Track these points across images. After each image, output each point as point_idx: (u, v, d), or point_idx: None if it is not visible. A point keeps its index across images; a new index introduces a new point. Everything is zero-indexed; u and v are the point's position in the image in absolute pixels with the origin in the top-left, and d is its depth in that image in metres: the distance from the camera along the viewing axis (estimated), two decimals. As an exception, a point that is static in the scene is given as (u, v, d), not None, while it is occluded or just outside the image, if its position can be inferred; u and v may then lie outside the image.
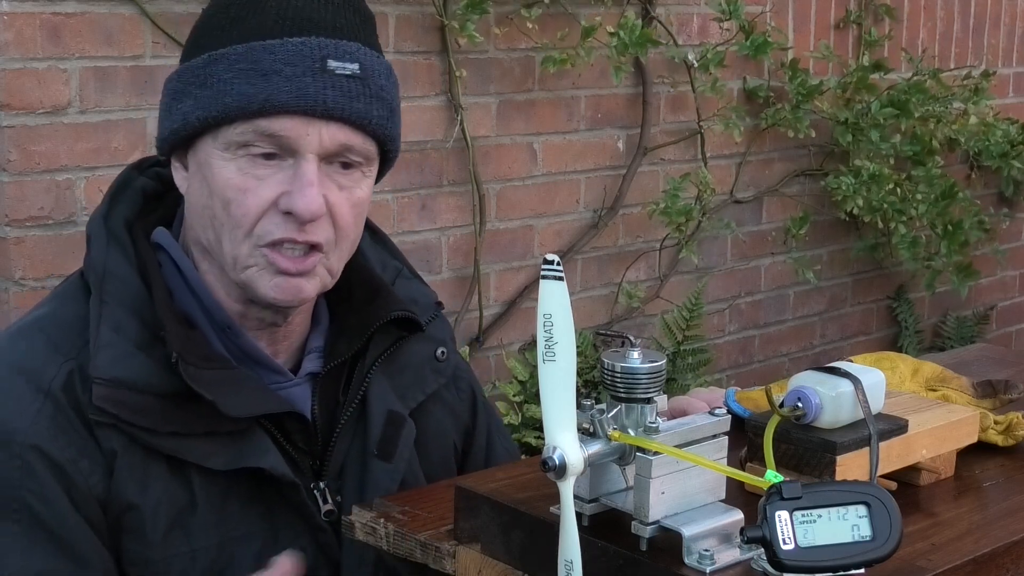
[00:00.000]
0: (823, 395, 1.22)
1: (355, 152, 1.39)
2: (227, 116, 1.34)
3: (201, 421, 1.35)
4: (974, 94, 4.19)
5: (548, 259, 1.01)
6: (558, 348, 1.01)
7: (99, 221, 1.44)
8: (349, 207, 1.40)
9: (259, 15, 1.37)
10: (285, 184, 1.35)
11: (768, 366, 4.14)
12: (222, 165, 1.36)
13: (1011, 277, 4.97)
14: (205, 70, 1.36)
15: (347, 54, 1.36)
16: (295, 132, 1.34)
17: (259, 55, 1.34)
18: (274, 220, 1.36)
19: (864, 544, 0.98)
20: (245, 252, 1.37)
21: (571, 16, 3.33)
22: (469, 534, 1.21)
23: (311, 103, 1.33)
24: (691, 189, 3.64)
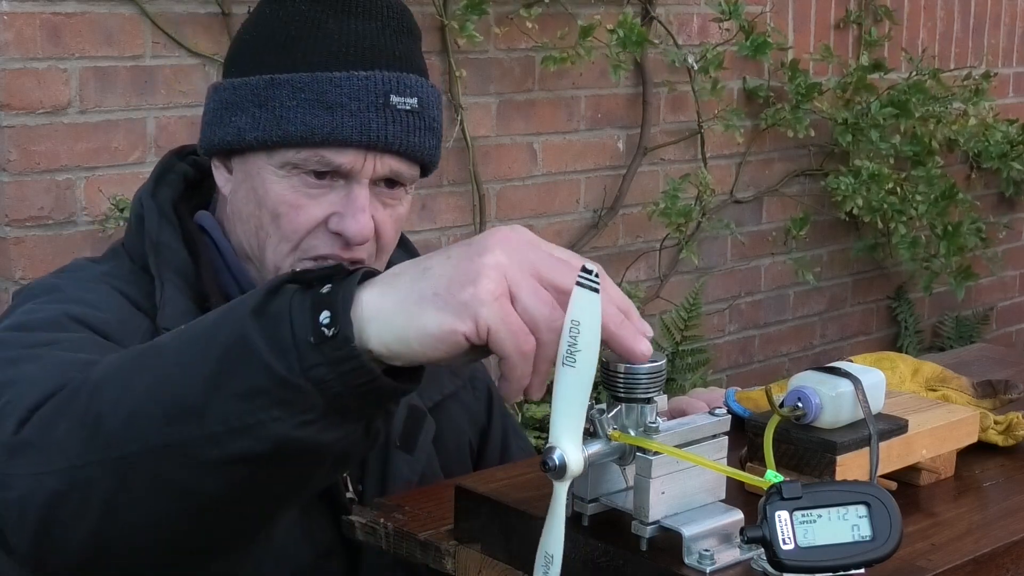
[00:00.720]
0: (823, 395, 1.22)
1: (403, 177, 1.44)
2: (289, 143, 1.38)
3: None
4: (974, 95, 4.19)
5: (587, 268, 0.99)
6: (580, 356, 0.99)
7: (148, 198, 1.47)
8: (392, 223, 1.45)
9: (322, 40, 1.39)
10: (337, 205, 1.39)
11: (768, 366, 4.14)
12: (275, 181, 1.40)
13: (1011, 277, 4.97)
14: (266, 92, 1.39)
15: (407, 88, 1.41)
16: (355, 163, 1.39)
17: (325, 87, 1.37)
18: (321, 237, 1.40)
19: (864, 544, 0.98)
20: (288, 263, 1.41)
21: (571, 16, 3.33)
22: (469, 534, 1.21)
23: (373, 138, 1.38)
24: (691, 189, 3.64)
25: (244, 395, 0.97)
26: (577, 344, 0.99)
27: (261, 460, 0.99)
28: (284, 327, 0.97)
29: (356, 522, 1.31)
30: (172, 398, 1.00)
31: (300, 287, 1.00)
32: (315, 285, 1.00)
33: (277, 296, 1.00)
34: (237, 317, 1.00)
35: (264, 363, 0.97)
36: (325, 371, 0.97)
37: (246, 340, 0.98)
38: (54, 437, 1.03)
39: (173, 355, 1.03)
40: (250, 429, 0.97)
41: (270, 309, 0.99)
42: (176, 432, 0.99)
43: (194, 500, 1.02)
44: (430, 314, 0.97)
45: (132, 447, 1.00)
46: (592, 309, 0.98)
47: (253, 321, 0.98)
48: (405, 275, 1.00)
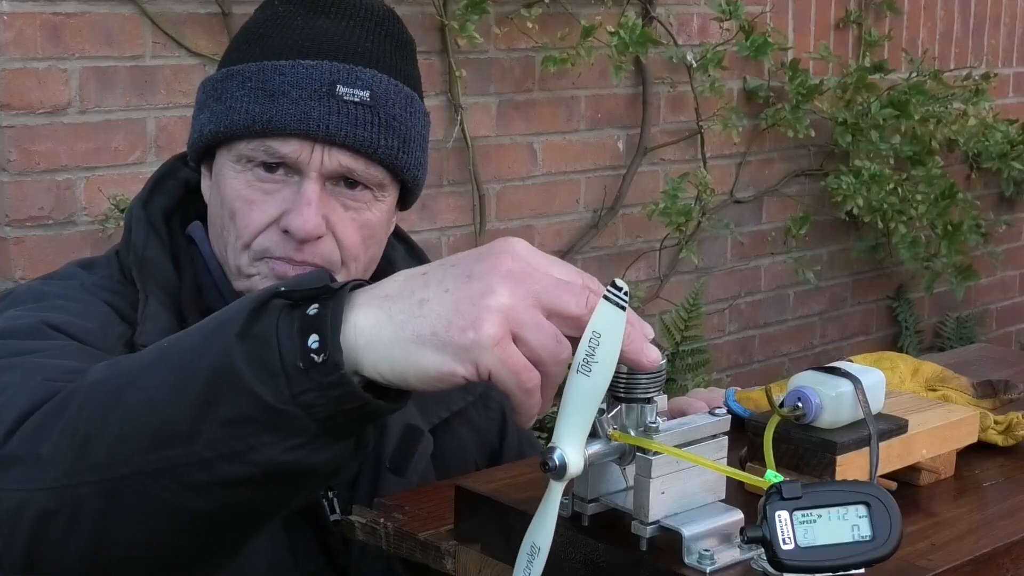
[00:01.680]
0: (823, 395, 1.22)
1: (358, 175, 1.38)
2: (234, 132, 1.36)
3: None
4: (974, 95, 4.19)
5: (617, 285, 0.97)
6: (596, 367, 0.98)
7: (139, 208, 1.45)
8: (355, 228, 1.39)
9: (282, 35, 1.38)
10: (288, 202, 1.36)
11: (768, 366, 4.14)
12: (233, 176, 1.38)
13: (1011, 277, 4.97)
14: (222, 84, 1.39)
15: (359, 80, 1.36)
16: (298, 154, 1.35)
17: (268, 75, 1.35)
18: (272, 237, 1.37)
19: (864, 544, 0.98)
20: (245, 262, 1.38)
21: (571, 16, 3.33)
22: (469, 534, 1.21)
23: (313, 127, 1.34)
24: (691, 189, 3.64)
25: (233, 422, 0.95)
26: (595, 356, 0.98)
27: (251, 482, 0.98)
28: (271, 351, 0.94)
29: (356, 522, 1.31)
30: (160, 422, 0.98)
31: (285, 305, 0.97)
32: (301, 304, 0.96)
33: (262, 316, 0.96)
34: (222, 339, 0.96)
35: (252, 390, 0.94)
36: (315, 396, 0.94)
37: (233, 366, 0.95)
38: (42, 452, 1.02)
39: (159, 377, 1.00)
40: (240, 455, 0.96)
41: (255, 331, 0.95)
42: (165, 457, 0.97)
43: (185, 518, 1.01)
44: (429, 355, 0.94)
45: (121, 470, 0.99)
46: (616, 325, 0.97)
47: (239, 344, 0.95)
48: (399, 302, 0.95)
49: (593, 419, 1.03)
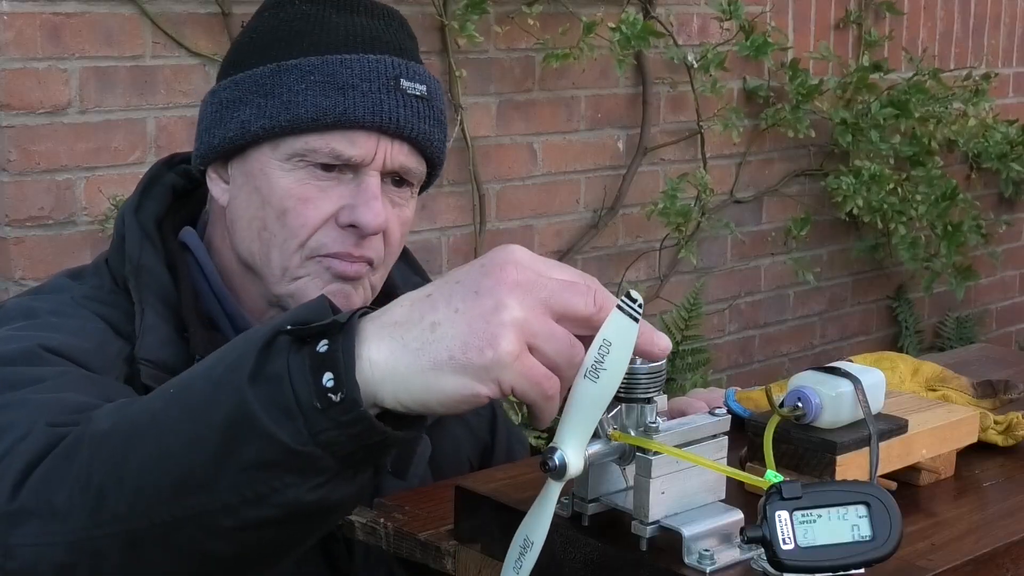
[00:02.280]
0: (823, 395, 1.22)
1: (411, 173, 1.40)
2: (299, 127, 1.34)
3: None
4: (974, 95, 4.19)
5: (632, 296, 0.97)
6: (604, 374, 0.98)
7: (131, 215, 1.43)
8: (399, 224, 1.40)
9: (327, 30, 1.37)
10: (347, 197, 1.35)
11: (768, 366, 4.14)
12: (281, 175, 1.36)
13: (1011, 277, 4.98)
14: (272, 79, 1.36)
15: (417, 75, 1.38)
16: (365, 148, 1.35)
17: (335, 68, 1.34)
18: (330, 233, 1.36)
19: (864, 544, 0.98)
20: (296, 263, 1.36)
21: (572, 14, 3.33)
22: (469, 534, 1.21)
23: (385, 120, 1.34)
24: (690, 189, 3.64)
25: (255, 466, 0.93)
26: (604, 363, 0.98)
27: (276, 523, 0.96)
28: (286, 392, 0.92)
29: (356, 522, 1.31)
30: (179, 472, 0.96)
31: (293, 342, 0.94)
32: (309, 341, 0.94)
33: (271, 355, 0.94)
34: (234, 383, 0.94)
35: (271, 434, 0.92)
36: (335, 435, 0.92)
37: (248, 410, 0.93)
38: (55, 505, 0.99)
39: (172, 425, 0.98)
40: (264, 498, 0.94)
41: (267, 372, 0.93)
42: (187, 505, 0.96)
43: (208, 561, 0.99)
44: (449, 379, 0.92)
45: (143, 521, 0.97)
46: (627, 335, 0.97)
47: (252, 388, 0.93)
48: (411, 329, 0.93)
49: (596, 424, 1.03)
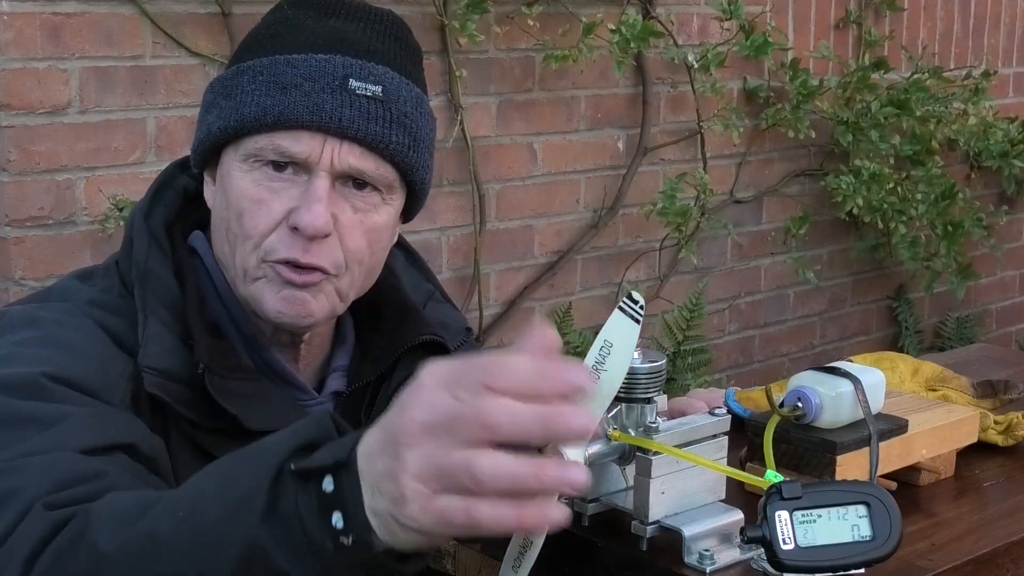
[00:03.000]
0: (823, 395, 1.22)
1: (368, 176, 1.36)
2: (244, 127, 1.34)
3: (232, 422, 1.34)
4: (974, 94, 4.19)
5: (634, 298, 1.00)
6: (604, 375, 0.98)
7: (140, 219, 1.43)
8: (362, 231, 1.37)
9: (294, 33, 1.37)
10: (295, 200, 1.34)
11: (768, 366, 4.14)
12: (240, 176, 1.36)
13: (1011, 277, 4.97)
14: (232, 81, 1.37)
15: (371, 75, 1.36)
16: (309, 149, 1.33)
17: (281, 68, 1.34)
18: (281, 237, 1.35)
19: (864, 544, 0.98)
20: (253, 264, 1.36)
21: (571, 15, 3.33)
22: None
23: (326, 120, 1.33)
24: (690, 189, 3.64)
25: None
26: (604, 364, 0.99)
27: None
28: (297, 533, 0.93)
29: (356, 522, 1.30)
30: None
31: (299, 478, 0.94)
32: (314, 477, 0.94)
33: (281, 492, 0.94)
34: (246, 519, 0.95)
35: (285, 572, 0.94)
36: (348, 570, 0.93)
37: (262, 550, 0.94)
38: None
39: (183, 555, 0.98)
40: None
41: (279, 510, 0.94)
42: None
43: None
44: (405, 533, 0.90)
45: None
46: (629, 336, 0.99)
47: (264, 527, 0.94)
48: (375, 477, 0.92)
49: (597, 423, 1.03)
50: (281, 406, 1.39)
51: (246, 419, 1.32)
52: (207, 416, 1.33)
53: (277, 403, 1.39)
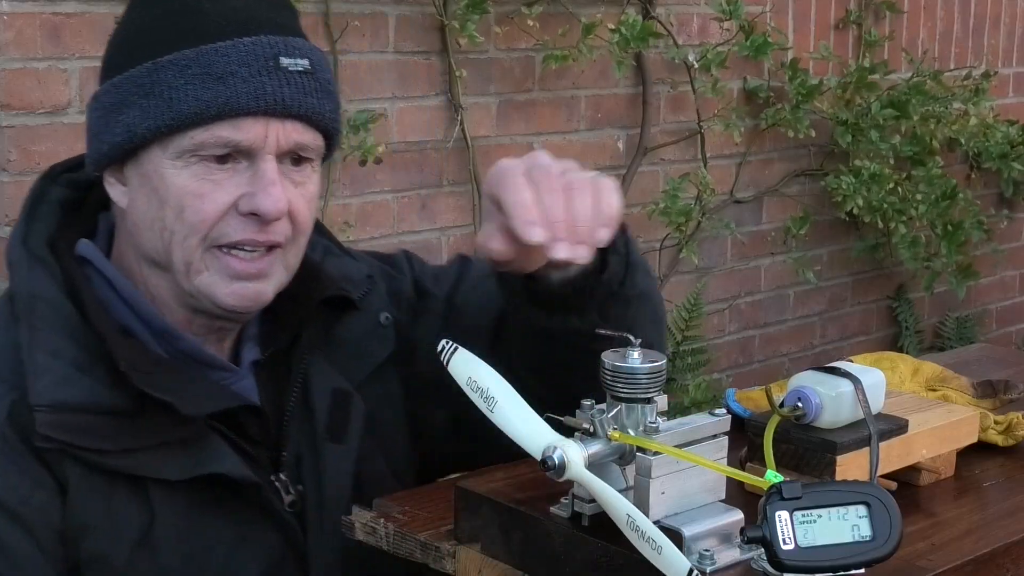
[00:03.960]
0: (823, 395, 1.22)
1: (308, 149, 1.38)
2: (182, 123, 1.32)
3: (152, 433, 1.33)
4: (974, 95, 4.19)
5: (439, 349, 1.12)
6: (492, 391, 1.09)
7: (18, 245, 1.40)
8: (305, 202, 1.39)
9: (199, 18, 1.34)
10: (244, 186, 1.34)
11: (768, 366, 4.14)
12: (175, 173, 1.33)
13: (1011, 277, 4.97)
14: (151, 78, 1.33)
15: (296, 50, 1.36)
16: (253, 134, 1.33)
17: (211, 58, 1.32)
18: (232, 223, 1.34)
19: (864, 544, 0.98)
20: (198, 257, 1.35)
21: (571, 15, 3.33)
22: (469, 534, 1.21)
23: (270, 103, 1.32)
24: (691, 189, 3.64)
25: None
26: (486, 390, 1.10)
27: None
28: None
29: (356, 522, 1.31)
30: None
31: None
32: None
33: None
34: None
35: None
36: None
37: None
38: None
39: None
40: None
41: None
42: None
43: None
44: None
45: None
46: (469, 364, 1.11)
47: None
48: None
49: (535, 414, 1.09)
50: (208, 388, 1.39)
51: (181, 405, 1.32)
52: (117, 437, 1.32)
53: (203, 386, 1.39)
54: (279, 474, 1.44)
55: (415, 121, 3.14)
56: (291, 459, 1.45)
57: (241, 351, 1.47)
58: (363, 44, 3.04)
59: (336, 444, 1.45)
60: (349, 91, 3.00)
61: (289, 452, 1.45)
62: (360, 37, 3.03)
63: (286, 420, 1.46)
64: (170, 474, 1.34)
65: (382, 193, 3.13)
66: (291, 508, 1.43)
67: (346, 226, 3.02)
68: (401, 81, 3.11)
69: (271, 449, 1.45)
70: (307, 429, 1.46)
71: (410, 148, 3.15)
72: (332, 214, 2.99)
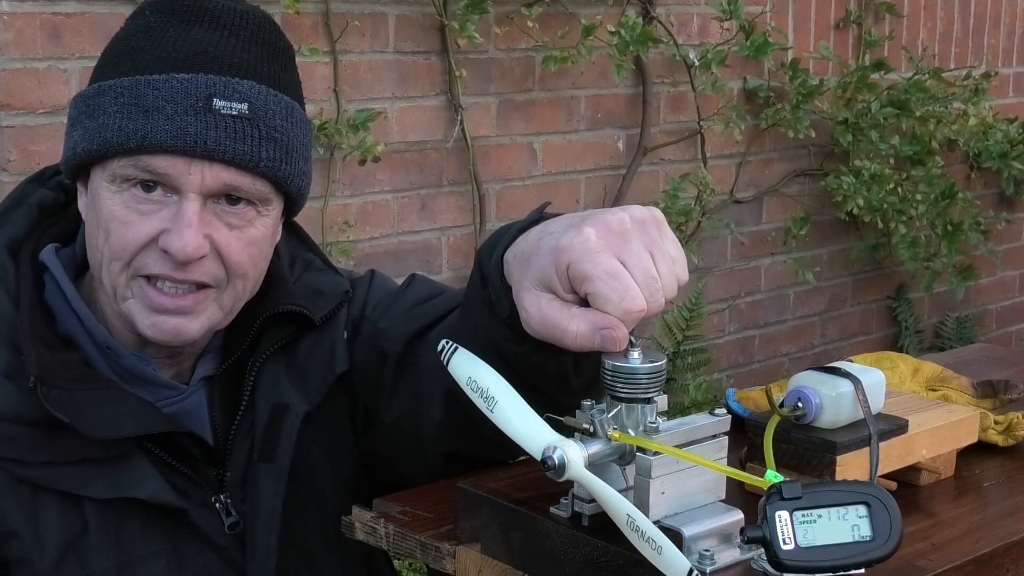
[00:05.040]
0: (823, 395, 1.22)
1: (242, 192, 1.33)
2: (108, 150, 1.31)
3: (74, 448, 1.31)
4: (974, 95, 4.19)
5: (439, 349, 1.12)
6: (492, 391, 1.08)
7: None
8: (242, 246, 1.35)
9: (156, 47, 1.33)
10: (166, 222, 1.31)
11: (768, 366, 4.14)
12: (108, 197, 1.32)
13: (1011, 277, 4.98)
14: (94, 100, 1.32)
15: (236, 93, 1.31)
16: (176, 171, 1.30)
17: (142, 90, 1.30)
18: (152, 255, 1.32)
19: (864, 544, 0.98)
20: (122, 283, 1.34)
21: (571, 16, 3.33)
22: (469, 534, 1.21)
23: (191, 143, 1.29)
24: (691, 189, 3.64)
25: None
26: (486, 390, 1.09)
27: None
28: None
29: (356, 522, 1.31)
30: None
31: None
32: None
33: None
34: None
35: None
36: None
37: None
38: None
39: None
40: None
41: None
42: None
43: None
44: None
45: None
46: (469, 364, 1.10)
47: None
48: None
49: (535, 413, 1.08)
50: (133, 410, 1.36)
51: (84, 427, 1.30)
52: (37, 449, 1.30)
53: (128, 407, 1.35)
54: (220, 495, 1.42)
55: (415, 121, 3.14)
56: (236, 478, 1.43)
57: (197, 366, 1.45)
58: (363, 44, 3.04)
59: (266, 463, 1.43)
60: (349, 91, 3.00)
61: (234, 471, 1.43)
62: (360, 37, 3.03)
63: (231, 438, 1.44)
64: (94, 492, 1.32)
65: (382, 193, 3.13)
66: (231, 530, 1.41)
67: (346, 226, 3.02)
68: (401, 81, 3.12)
69: (218, 468, 1.43)
70: (247, 447, 1.44)
71: (410, 148, 3.15)
72: (332, 214, 2.99)
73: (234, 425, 1.44)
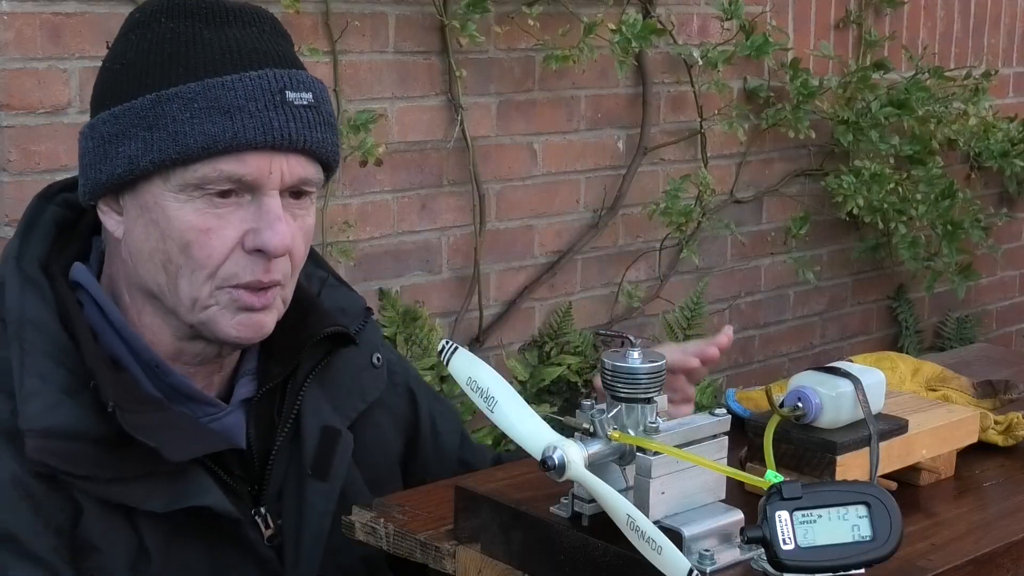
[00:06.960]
0: (823, 395, 1.22)
1: (310, 183, 1.37)
2: (188, 157, 1.30)
3: (139, 463, 1.32)
4: (974, 94, 4.19)
5: (439, 349, 1.14)
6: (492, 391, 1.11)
7: (12, 263, 1.38)
8: (303, 236, 1.38)
9: (203, 49, 1.33)
10: (250, 221, 1.33)
11: (768, 366, 4.14)
12: (178, 207, 1.32)
13: (1011, 277, 4.97)
14: (154, 111, 1.31)
15: (301, 84, 1.35)
16: (259, 170, 1.32)
17: (218, 92, 1.30)
18: (239, 262, 1.33)
19: (864, 544, 0.98)
20: (206, 293, 1.34)
21: (572, 15, 3.33)
22: (469, 534, 1.21)
23: (277, 138, 1.31)
24: (691, 189, 3.64)
25: None
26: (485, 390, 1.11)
27: None
28: None
29: (356, 522, 1.31)
30: None
31: None
32: None
33: None
34: None
35: None
36: None
37: None
38: None
39: None
40: None
41: None
42: None
43: None
44: None
45: None
46: (469, 364, 1.13)
47: None
48: None
49: (535, 414, 1.10)
50: (194, 431, 1.37)
51: (167, 450, 1.30)
52: (104, 466, 1.31)
53: (189, 429, 1.37)
54: (259, 508, 1.44)
55: (415, 121, 3.14)
56: (273, 494, 1.45)
57: (235, 385, 1.46)
58: (363, 44, 3.04)
59: (320, 482, 1.45)
60: (349, 91, 3.00)
61: (272, 487, 1.45)
62: (360, 37, 3.03)
63: (273, 456, 1.45)
64: (154, 505, 1.33)
65: (382, 193, 3.13)
66: (270, 543, 1.43)
67: (346, 226, 3.02)
68: (401, 81, 3.12)
69: (253, 483, 1.45)
70: (295, 465, 1.46)
71: (410, 148, 3.15)
72: (332, 214, 2.99)
73: (277, 443, 1.45)
